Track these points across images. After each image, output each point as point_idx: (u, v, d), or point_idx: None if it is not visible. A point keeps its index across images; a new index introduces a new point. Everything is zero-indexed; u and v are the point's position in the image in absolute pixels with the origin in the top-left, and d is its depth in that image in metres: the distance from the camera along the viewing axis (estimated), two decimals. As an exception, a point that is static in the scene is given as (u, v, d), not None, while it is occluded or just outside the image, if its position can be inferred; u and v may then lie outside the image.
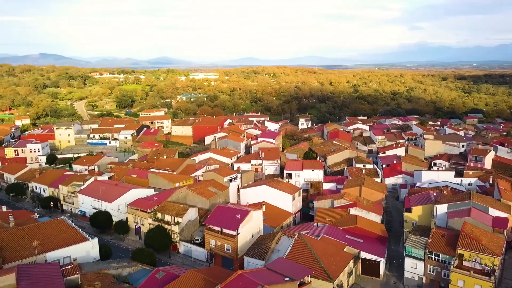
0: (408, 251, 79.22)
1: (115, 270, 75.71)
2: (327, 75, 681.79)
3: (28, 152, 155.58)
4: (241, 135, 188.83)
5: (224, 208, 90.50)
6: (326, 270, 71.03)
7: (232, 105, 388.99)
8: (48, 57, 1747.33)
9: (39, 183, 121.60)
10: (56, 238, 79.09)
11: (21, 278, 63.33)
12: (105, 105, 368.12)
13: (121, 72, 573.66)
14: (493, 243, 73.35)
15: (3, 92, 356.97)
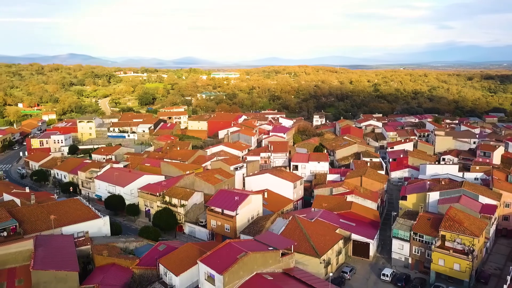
0: (395, 233, 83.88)
1: (123, 243, 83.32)
2: (349, 74, 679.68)
3: (52, 143, 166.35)
4: (254, 130, 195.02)
5: (225, 191, 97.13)
6: (315, 248, 76.59)
7: (250, 103, 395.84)
8: (77, 57, 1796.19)
9: (60, 170, 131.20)
10: (71, 215, 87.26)
11: (38, 245, 71.50)
12: (127, 102, 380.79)
13: (145, 71, 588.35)
14: (474, 226, 77.27)
15: (32, 89, 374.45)
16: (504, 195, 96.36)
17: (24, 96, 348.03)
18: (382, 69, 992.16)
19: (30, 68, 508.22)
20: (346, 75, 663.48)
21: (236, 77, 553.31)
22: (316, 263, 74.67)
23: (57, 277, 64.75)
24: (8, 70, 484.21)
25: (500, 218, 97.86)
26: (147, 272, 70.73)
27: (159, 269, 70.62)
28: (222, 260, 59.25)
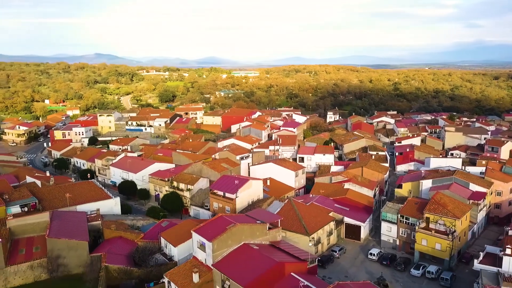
0: (383, 216, 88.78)
1: (130, 221, 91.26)
2: (370, 73, 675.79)
3: (73, 134, 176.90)
4: (265, 125, 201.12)
5: (227, 176, 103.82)
6: (305, 227, 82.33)
7: (267, 100, 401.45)
8: (103, 57, 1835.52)
9: (80, 158, 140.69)
10: (85, 195, 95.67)
11: (54, 218, 79.92)
12: (148, 99, 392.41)
13: (167, 69, 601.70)
14: (458, 209, 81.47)
15: (58, 86, 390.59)
16: (495, 183, 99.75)
17: (50, 93, 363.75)
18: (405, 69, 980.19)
19: (57, 67, 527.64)
20: (366, 74, 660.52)
21: (255, 75, 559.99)
22: (306, 241, 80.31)
23: (69, 245, 72.65)
24: (37, 69, 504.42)
25: (492, 206, 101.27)
26: (150, 244, 77.92)
27: (161, 242, 77.85)
28: (213, 230, 65.81)
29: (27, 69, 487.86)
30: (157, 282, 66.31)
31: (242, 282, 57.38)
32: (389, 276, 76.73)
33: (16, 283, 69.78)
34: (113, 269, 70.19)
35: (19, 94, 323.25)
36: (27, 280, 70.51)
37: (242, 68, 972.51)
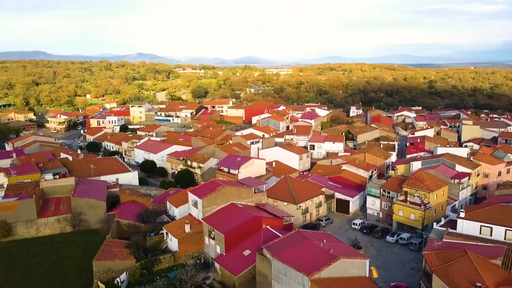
0: (368, 190, 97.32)
1: (145, 190, 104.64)
2: (407, 71, 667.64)
3: (107, 123, 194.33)
4: (285, 117, 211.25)
5: (233, 156, 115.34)
6: (294, 197, 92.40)
7: (296, 97, 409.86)
8: (144, 56, 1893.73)
9: (109, 142, 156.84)
10: (108, 168, 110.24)
11: (79, 183, 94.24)
12: (182, 95, 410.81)
13: (203, 68, 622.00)
14: (434, 184, 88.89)
15: (99, 83, 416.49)
16: (483, 166, 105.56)
17: (92, 88, 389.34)
18: (447, 68, 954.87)
19: (100, 65, 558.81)
20: (402, 72, 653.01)
21: (288, 73, 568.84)
22: (294, 208, 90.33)
23: (89, 204, 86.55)
24: (81, 67, 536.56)
25: (480, 188, 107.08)
26: (158, 207, 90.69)
27: (166, 205, 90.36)
28: (205, 191, 77.46)
29: (72, 67, 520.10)
30: (157, 233, 78.63)
31: (222, 231, 68.57)
32: (367, 242, 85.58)
33: (46, 233, 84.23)
34: (124, 224, 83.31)
35: (63, 89, 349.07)
36: (54, 231, 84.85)
37: (278, 66, 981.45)
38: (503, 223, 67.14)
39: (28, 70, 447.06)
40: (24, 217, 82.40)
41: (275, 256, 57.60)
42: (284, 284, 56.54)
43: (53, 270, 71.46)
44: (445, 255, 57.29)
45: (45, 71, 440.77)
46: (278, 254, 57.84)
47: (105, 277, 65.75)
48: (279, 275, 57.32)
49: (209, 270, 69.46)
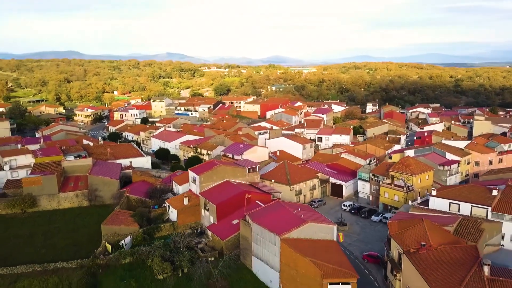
0: (359, 175, 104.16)
1: (155, 173, 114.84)
2: (434, 70, 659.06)
3: (129, 116, 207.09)
4: (298, 112, 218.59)
5: (237, 143, 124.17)
6: (289, 179, 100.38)
7: (317, 94, 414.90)
8: (173, 56, 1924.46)
9: (129, 132, 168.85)
10: (124, 153, 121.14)
11: (96, 164, 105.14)
12: (205, 93, 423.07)
13: (228, 66, 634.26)
14: (418, 169, 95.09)
15: (127, 80, 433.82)
16: (473, 154, 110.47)
17: (119, 85, 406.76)
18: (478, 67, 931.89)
19: (128, 63, 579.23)
20: (428, 71, 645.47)
21: (312, 71, 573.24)
22: (287, 189, 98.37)
23: (104, 181, 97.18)
24: (110, 65, 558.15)
25: (471, 175, 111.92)
26: (165, 186, 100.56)
27: (172, 184, 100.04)
28: (203, 169, 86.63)
29: (102, 65, 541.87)
30: (160, 206, 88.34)
31: (215, 202, 77.48)
32: (353, 221, 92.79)
33: (65, 206, 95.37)
34: (133, 199, 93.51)
35: (92, 86, 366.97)
36: (73, 205, 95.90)
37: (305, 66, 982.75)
38: (469, 200, 73.27)
39: (61, 68, 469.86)
40: (47, 191, 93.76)
41: (254, 221, 66.00)
42: (261, 244, 64.84)
43: (70, 235, 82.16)
44: (405, 223, 64.25)
45: (76, 69, 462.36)
46: (257, 219, 66.20)
47: (112, 239, 75.79)
48: (257, 237, 65.67)
49: (202, 236, 78.49)
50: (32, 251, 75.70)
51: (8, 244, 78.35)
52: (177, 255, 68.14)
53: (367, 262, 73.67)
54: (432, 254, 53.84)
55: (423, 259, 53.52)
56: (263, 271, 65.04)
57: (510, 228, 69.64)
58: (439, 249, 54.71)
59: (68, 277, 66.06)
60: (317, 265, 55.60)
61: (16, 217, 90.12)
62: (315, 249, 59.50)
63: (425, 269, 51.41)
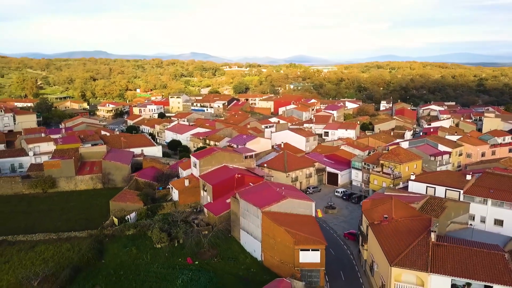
0: (353, 164, 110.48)
1: (165, 160, 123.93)
2: (459, 69, 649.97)
3: (147, 111, 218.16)
4: (310, 108, 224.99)
5: (241, 135, 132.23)
6: (286, 167, 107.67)
7: (335, 93, 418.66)
8: (198, 55, 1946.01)
9: (145, 125, 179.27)
10: (137, 142, 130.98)
11: (110, 151, 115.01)
12: (224, 91, 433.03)
13: (249, 66, 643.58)
14: (406, 158, 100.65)
15: (149, 79, 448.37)
16: (465, 146, 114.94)
17: (142, 84, 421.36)
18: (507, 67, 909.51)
19: (152, 63, 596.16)
20: (453, 70, 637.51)
21: (332, 70, 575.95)
22: (284, 176, 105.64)
23: (116, 166, 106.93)
24: (135, 64, 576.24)
25: (463, 167, 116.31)
26: (171, 172, 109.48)
27: (178, 170, 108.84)
28: (203, 154, 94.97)
29: (127, 64, 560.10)
30: (164, 188, 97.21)
31: (211, 183, 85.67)
32: (344, 206, 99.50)
33: (82, 188, 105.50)
34: (141, 182, 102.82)
35: (116, 84, 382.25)
36: (88, 187, 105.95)
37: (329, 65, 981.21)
38: (444, 184, 79.13)
39: (88, 67, 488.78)
40: (65, 174, 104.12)
41: (242, 198, 73.74)
42: (247, 218, 72.52)
43: (83, 211, 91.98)
44: (376, 201, 70.79)
45: (102, 68, 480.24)
46: (244, 196, 73.91)
47: (119, 214, 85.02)
48: (244, 212, 73.39)
49: (200, 214, 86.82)
50: (50, 223, 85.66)
51: (30, 217, 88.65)
52: (174, 228, 76.56)
53: (348, 239, 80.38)
54: (391, 225, 60.36)
55: (383, 229, 60.10)
56: (249, 242, 72.70)
57: (479, 210, 75.16)
58: (399, 221, 61.15)
59: (79, 244, 75.40)
60: (291, 233, 62.90)
61: (38, 196, 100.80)
62: (292, 221, 66.73)
63: (383, 237, 58.02)
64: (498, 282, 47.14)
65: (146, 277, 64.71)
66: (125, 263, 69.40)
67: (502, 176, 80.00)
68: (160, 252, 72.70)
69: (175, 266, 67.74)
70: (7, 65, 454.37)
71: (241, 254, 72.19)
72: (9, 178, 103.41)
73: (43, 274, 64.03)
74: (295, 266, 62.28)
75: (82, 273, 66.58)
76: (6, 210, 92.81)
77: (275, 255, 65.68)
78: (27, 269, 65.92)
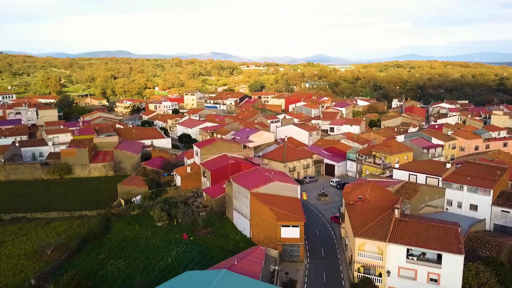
0: (348, 155, 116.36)
1: (173, 151, 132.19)
2: (481, 69, 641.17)
3: (162, 107, 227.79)
4: (320, 105, 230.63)
5: (244, 128, 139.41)
6: (284, 158, 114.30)
7: (350, 91, 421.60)
8: (218, 55, 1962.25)
9: (159, 120, 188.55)
10: (148, 135, 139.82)
11: (122, 142, 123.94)
12: (240, 89, 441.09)
13: (266, 65, 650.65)
14: (397, 149, 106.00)
15: (168, 77, 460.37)
16: (459, 140, 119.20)
17: (160, 82, 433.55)
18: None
19: (171, 62, 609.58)
20: (474, 70, 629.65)
21: (350, 69, 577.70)
22: (281, 166, 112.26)
23: (126, 155, 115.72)
24: (155, 63, 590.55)
25: (456, 160, 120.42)
26: (177, 161, 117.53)
27: (184, 159, 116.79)
28: (204, 144, 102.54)
29: (147, 64, 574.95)
30: (169, 174, 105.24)
31: (210, 169, 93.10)
32: (336, 194, 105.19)
33: (95, 175, 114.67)
34: (148, 169, 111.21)
35: (136, 82, 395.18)
36: (101, 174, 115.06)
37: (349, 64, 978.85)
38: (424, 171, 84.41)
39: (109, 66, 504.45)
40: (80, 161, 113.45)
41: (234, 181, 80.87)
42: (238, 199, 79.62)
43: (94, 194, 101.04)
44: (357, 185, 76.95)
45: (123, 67, 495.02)
46: (237, 180, 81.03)
47: (126, 196, 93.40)
48: (236, 194, 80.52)
49: (199, 197, 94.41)
50: (64, 204, 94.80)
51: (47, 199, 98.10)
52: (174, 208, 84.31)
53: (334, 222, 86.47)
54: (364, 205, 66.48)
55: (356, 208, 66.31)
56: (240, 221, 79.80)
57: (457, 196, 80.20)
58: (371, 201, 67.21)
59: (89, 221, 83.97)
60: (274, 211, 69.69)
61: (55, 181, 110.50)
62: (277, 201, 73.43)
63: (354, 214, 64.25)
64: (447, 250, 52.88)
65: (145, 248, 72.57)
66: (128, 238, 77.52)
67: (481, 165, 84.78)
68: (160, 229, 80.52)
69: (172, 240, 75.38)
70: (33, 64, 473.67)
71: (232, 231, 79.34)
72: (30, 165, 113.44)
73: (56, 245, 72.62)
74: (278, 241, 69.03)
75: (89, 244, 75.08)
76: (27, 192, 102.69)
77: (261, 232, 72.54)
78: (42, 240, 74.67)
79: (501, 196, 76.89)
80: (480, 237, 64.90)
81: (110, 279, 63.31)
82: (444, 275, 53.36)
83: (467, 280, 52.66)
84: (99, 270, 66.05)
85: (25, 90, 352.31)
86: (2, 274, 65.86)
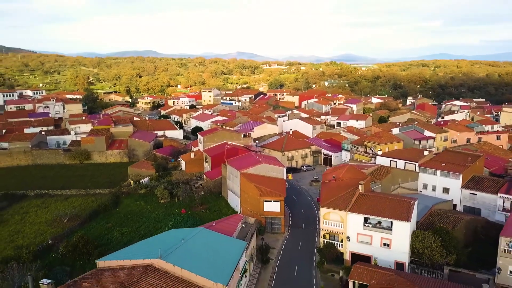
0: (343, 146, 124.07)
1: (183, 141, 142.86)
2: (510, 68, 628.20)
3: (180, 103, 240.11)
4: (332, 102, 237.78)
5: (249, 121, 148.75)
6: (283, 148, 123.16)
7: (369, 90, 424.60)
8: (244, 55, 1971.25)
9: (175, 115, 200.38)
10: (162, 126, 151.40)
11: (136, 132, 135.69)
12: (260, 88, 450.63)
13: (288, 64, 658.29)
14: (387, 140, 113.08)
15: (191, 76, 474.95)
16: (451, 132, 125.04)
17: (183, 80, 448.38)
18: None
19: (195, 61, 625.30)
20: (503, 69, 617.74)
21: (373, 68, 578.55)
22: (280, 155, 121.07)
23: (139, 143, 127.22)
24: (179, 62, 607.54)
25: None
26: (186, 149, 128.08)
27: (191, 147, 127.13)
28: (207, 132, 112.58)
29: (171, 63, 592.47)
30: (176, 160, 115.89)
31: (210, 155, 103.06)
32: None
33: (111, 161, 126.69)
34: (158, 156, 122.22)
35: (159, 80, 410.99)
36: (116, 160, 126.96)
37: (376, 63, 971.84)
38: (403, 158, 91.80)
39: (135, 65, 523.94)
40: (98, 148, 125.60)
41: (228, 164, 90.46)
42: (231, 179, 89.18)
43: (109, 177, 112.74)
44: (337, 168, 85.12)
45: (148, 66, 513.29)
46: (231, 163, 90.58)
47: (135, 178, 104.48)
48: (230, 175, 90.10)
49: (201, 180, 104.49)
50: (81, 184, 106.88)
51: (67, 180, 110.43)
52: (176, 188, 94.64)
53: (319, 203, 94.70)
54: (336, 183, 74.75)
55: (329, 185, 74.67)
56: (232, 199, 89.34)
57: (431, 180, 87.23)
58: (343, 180, 75.43)
59: (101, 198, 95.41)
60: (258, 188, 78.85)
61: (75, 165, 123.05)
62: (263, 181, 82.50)
63: (326, 190, 72.66)
64: (397, 218, 60.78)
65: (147, 220, 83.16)
66: (134, 211, 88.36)
67: (458, 153, 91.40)
68: (162, 205, 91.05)
69: (171, 214, 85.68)
70: (63, 63, 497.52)
71: (225, 208, 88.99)
72: (54, 150, 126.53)
73: (71, 215, 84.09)
74: (261, 214, 78.15)
75: (100, 215, 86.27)
76: (50, 174, 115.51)
77: (248, 206, 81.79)
78: (60, 211, 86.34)
79: (471, 180, 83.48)
80: (441, 213, 72.05)
81: (114, 242, 74.00)
82: (395, 240, 61.32)
83: (414, 244, 60.46)
84: (106, 235, 76.95)
85: (55, 87, 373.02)
86: (26, 236, 77.64)
